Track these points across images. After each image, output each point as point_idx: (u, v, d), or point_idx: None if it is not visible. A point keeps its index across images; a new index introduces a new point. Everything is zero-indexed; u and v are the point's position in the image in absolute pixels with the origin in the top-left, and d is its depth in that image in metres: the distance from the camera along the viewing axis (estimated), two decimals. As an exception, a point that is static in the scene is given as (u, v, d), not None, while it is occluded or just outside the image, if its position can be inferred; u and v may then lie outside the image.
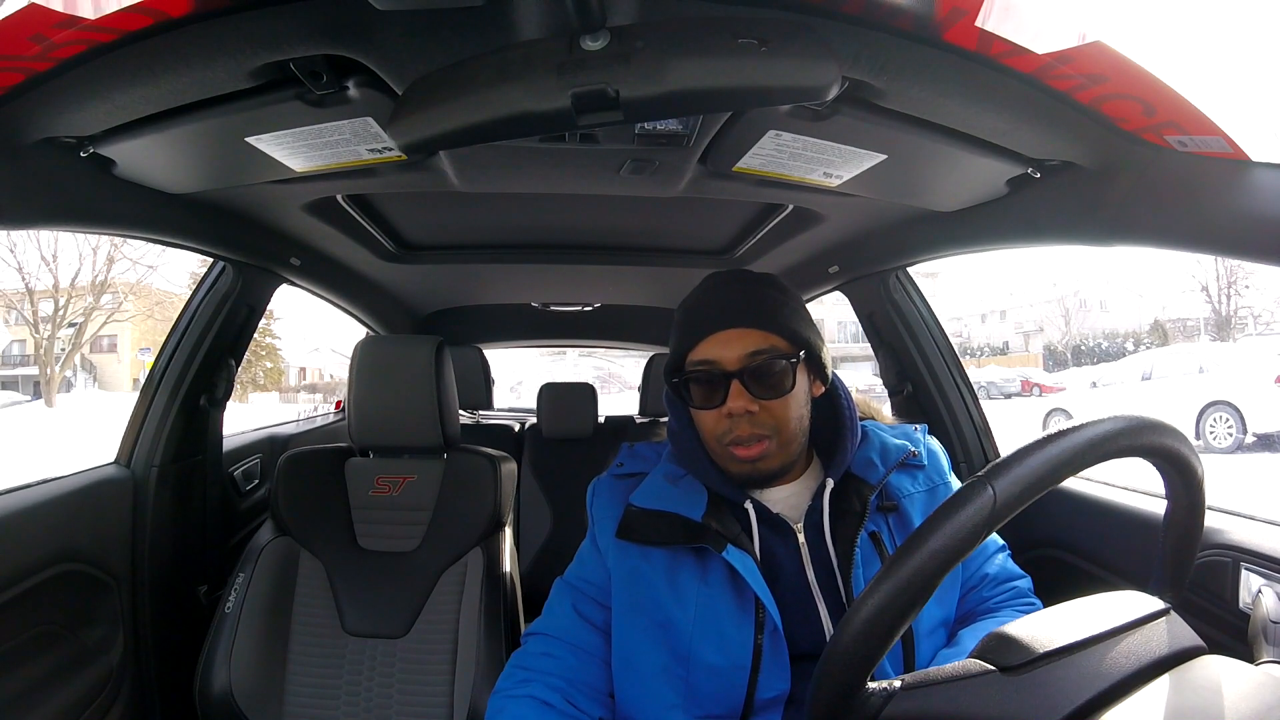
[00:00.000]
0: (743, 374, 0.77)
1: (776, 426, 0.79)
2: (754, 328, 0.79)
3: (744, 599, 0.76)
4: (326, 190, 1.16)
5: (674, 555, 0.81)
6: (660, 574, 0.80)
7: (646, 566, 0.81)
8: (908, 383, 1.57)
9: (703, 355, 0.80)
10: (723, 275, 0.87)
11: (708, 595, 0.77)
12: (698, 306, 0.84)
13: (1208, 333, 21.75)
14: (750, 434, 0.78)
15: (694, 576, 0.79)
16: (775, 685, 0.75)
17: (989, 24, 0.57)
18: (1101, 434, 0.52)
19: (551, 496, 2.35)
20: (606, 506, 0.88)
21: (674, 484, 0.84)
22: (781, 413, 0.79)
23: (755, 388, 0.78)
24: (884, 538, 0.79)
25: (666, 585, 0.79)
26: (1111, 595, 0.59)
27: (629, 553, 0.83)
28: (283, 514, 1.26)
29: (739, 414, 0.78)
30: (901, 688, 0.50)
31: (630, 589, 0.82)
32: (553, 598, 0.89)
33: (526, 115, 0.55)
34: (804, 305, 0.86)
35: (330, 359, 29.05)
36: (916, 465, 0.86)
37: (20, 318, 20.42)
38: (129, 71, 0.66)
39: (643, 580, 0.81)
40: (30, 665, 1.03)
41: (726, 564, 0.76)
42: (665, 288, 2.16)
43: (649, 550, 0.81)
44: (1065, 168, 0.85)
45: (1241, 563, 0.85)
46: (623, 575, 0.83)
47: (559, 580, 0.91)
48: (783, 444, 0.80)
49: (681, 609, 0.78)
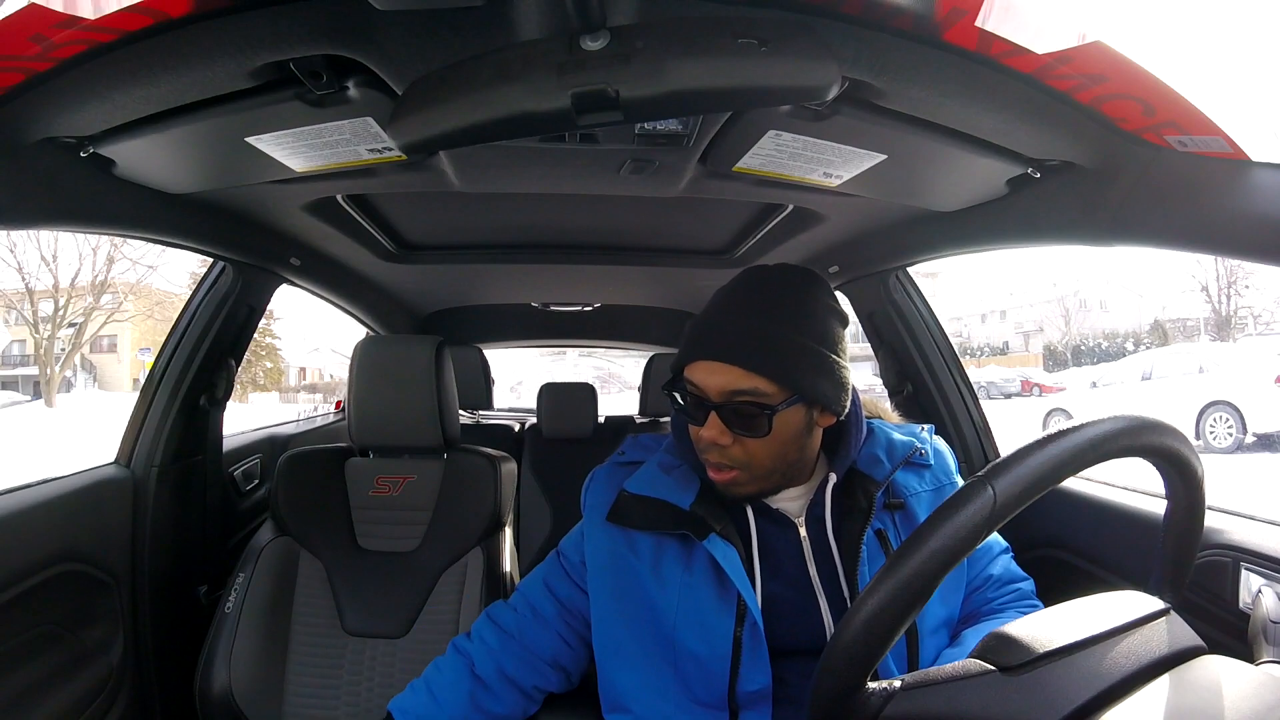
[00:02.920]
0: (721, 408, 0.74)
1: (748, 463, 0.76)
2: (740, 366, 0.73)
3: (726, 590, 0.76)
4: (326, 190, 1.16)
5: (659, 542, 0.81)
6: (645, 561, 0.81)
7: (632, 554, 0.82)
8: (908, 383, 1.57)
9: (691, 376, 0.77)
10: (751, 281, 0.79)
11: (690, 584, 0.78)
12: (704, 320, 0.79)
13: (1208, 333, 21.75)
14: (719, 461, 0.76)
15: (678, 564, 0.79)
16: (756, 679, 0.75)
17: (989, 24, 0.57)
18: (1101, 434, 0.52)
19: (551, 496, 2.35)
20: (600, 494, 0.89)
21: (668, 473, 0.84)
22: (757, 450, 0.75)
23: (734, 423, 0.74)
24: (890, 535, 0.79)
25: (650, 572, 0.80)
26: (1111, 595, 0.59)
27: (615, 539, 0.84)
28: (283, 514, 1.26)
29: (708, 443, 0.76)
30: (901, 687, 0.50)
31: (614, 574, 0.83)
32: (543, 563, 0.96)
33: (526, 115, 0.55)
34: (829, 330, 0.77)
35: (330, 359, 29.07)
36: (923, 464, 0.85)
37: (20, 318, 20.42)
38: (129, 71, 0.66)
39: (627, 566, 0.82)
40: (30, 665, 1.03)
41: (710, 553, 0.77)
42: (665, 288, 2.16)
43: (635, 536, 0.82)
44: (1065, 168, 0.85)
45: (1241, 563, 0.85)
46: (606, 561, 0.84)
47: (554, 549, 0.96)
48: (755, 477, 0.77)
49: (664, 596, 0.78)
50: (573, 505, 0.94)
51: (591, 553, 0.86)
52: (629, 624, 0.81)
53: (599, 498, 0.88)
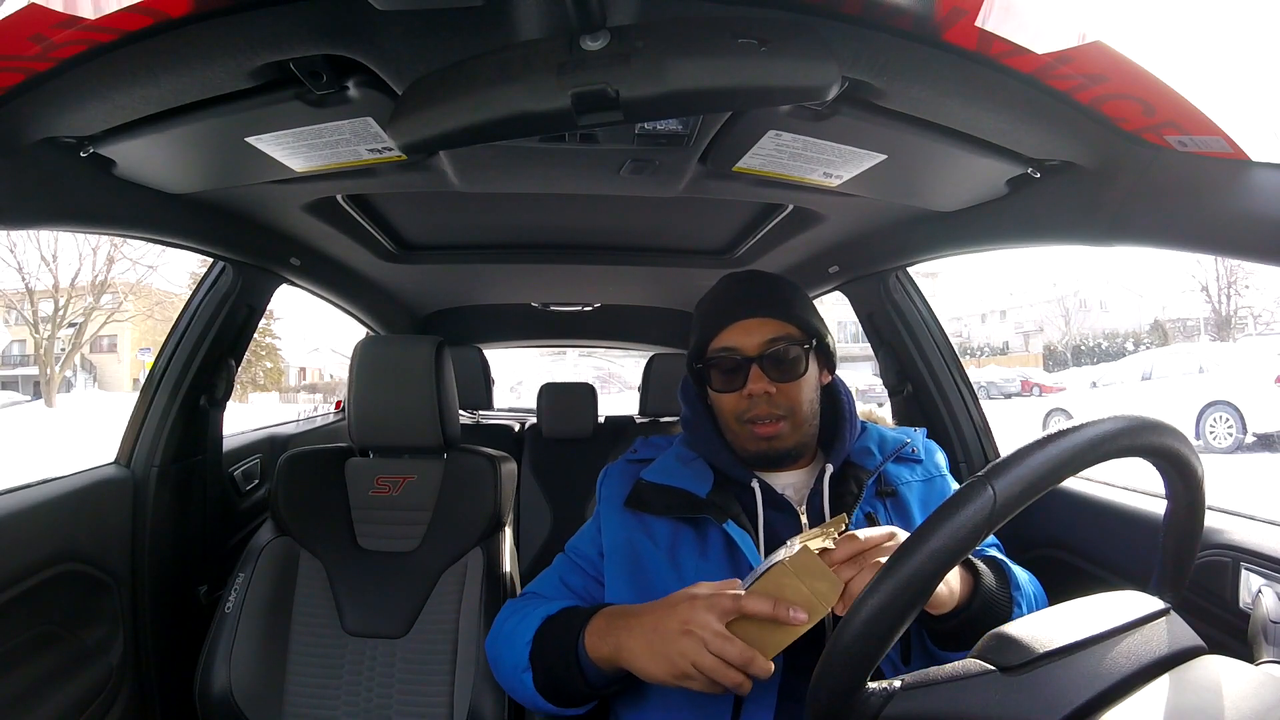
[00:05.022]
0: (762, 359, 0.85)
1: (791, 407, 0.86)
2: (771, 317, 0.87)
3: (739, 573, 0.79)
4: (326, 190, 1.16)
5: (675, 529, 0.86)
6: (662, 546, 0.85)
7: (649, 540, 0.86)
8: (908, 383, 1.57)
9: (725, 343, 0.88)
10: (739, 274, 0.95)
11: (705, 569, 0.82)
12: (718, 299, 0.92)
13: (1208, 333, 21.74)
14: (768, 413, 0.85)
15: (693, 550, 0.84)
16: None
17: (989, 24, 0.57)
18: (1101, 434, 0.52)
19: (551, 496, 2.35)
20: (615, 486, 0.93)
21: (685, 465, 0.90)
22: (796, 395, 0.86)
23: (773, 371, 0.85)
24: (880, 518, 0.85)
25: (667, 557, 0.84)
26: (1111, 595, 0.59)
27: (632, 526, 0.88)
28: (283, 514, 1.26)
29: (758, 395, 0.85)
30: (901, 688, 0.50)
31: (631, 560, 0.86)
32: (551, 565, 0.97)
33: (526, 115, 0.55)
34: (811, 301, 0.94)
35: (330, 359, 29.06)
36: (913, 459, 0.92)
37: (20, 318, 20.42)
38: (129, 71, 0.66)
39: (644, 552, 0.85)
40: (30, 665, 1.03)
41: (724, 539, 0.82)
42: (665, 288, 2.16)
43: (652, 523, 0.87)
44: (1065, 168, 0.85)
45: (1241, 563, 0.85)
46: (623, 547, 0.87)
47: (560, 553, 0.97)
48: (796, 425, 0.87)
49: (679, 581, 0.80)
50: (573, 505, 0.95)
51: (609, 540, 0.89)
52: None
53: (614, 490, 0.93)
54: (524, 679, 0.80)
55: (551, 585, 0.93)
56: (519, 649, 0.81)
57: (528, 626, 0.82)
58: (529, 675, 0.79)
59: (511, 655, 0.82)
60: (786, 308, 0.88)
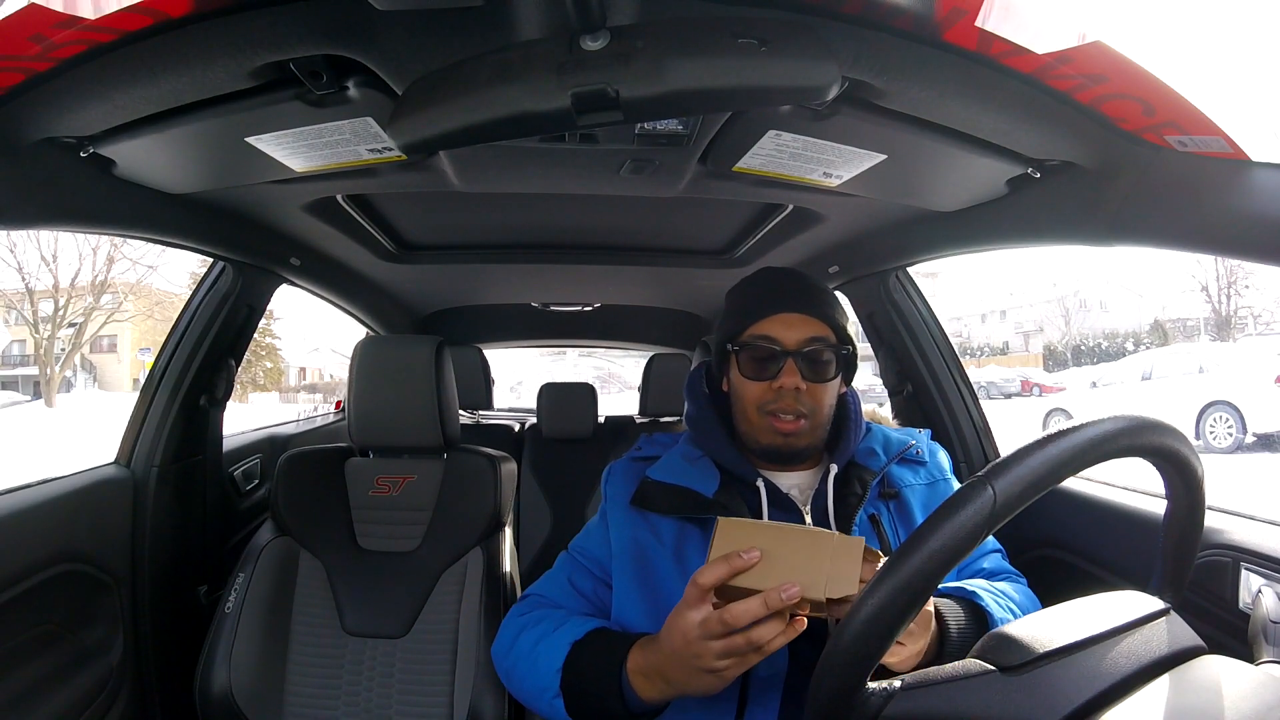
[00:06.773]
0: (799, 354, 0.85)
1: (815, 408, 0.86)
2: (814, 317, 0.87)
3: None
4: (326, 190, 1.16)
5: (682, 528, 0.85)
6: (668, 545, 0.85)
7: (655, 538, 0.85)
8: (908, 383, 1.57)
9: (764, 331, 0.87)
10: (780, 269, 0.96)
11: None
12: (761, 287, 0.92)
13: (1208, 333, 21.74)
14: (793, 409, 0.85)
15: (699, 550, 0.83)
16: (772, 661, 0.75)
17: (989, 24, 0.57)
18: (1101, 434, 0.52)
19: (551, 496, 2.35)
20: (620, 484, 0.93)
21: (691, 464, 0.90)
22: (822, 397, 0.87)
23: (806, 369, 0.85)
24: (883, 520, 0.85)
25: (673, 556, 0.84)
26: (1111, 595, 0.59)
27: (638, 525, 0.87)
28: (283, 514, 1.26)
29: (788, 389, 0.85)
30: (901, 687, 0.50)
31: (637, 559, 0.85)
32: (554, 566, 0.95)
33: (526, 115, 0.55)
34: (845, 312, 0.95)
35: (330, 359, 29.06)
36: (918, 460, 0.91)
37: (20, 318, 20.41)
38: (129, 71, 0.66)
39: (651, 550, 0.85)
40: (30, 665, 1.03)
41: None
42: (665, 288, 2.16)
43: (658, 522, 0.86)
44: (1065, 168, 0.85)
45: (1241, 563, 0.85)
46: (630, 545, 0.87)
47: (563, 552, 0.96)
48: (814, 426, 0.87)
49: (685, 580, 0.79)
50: (573, 505, 0.95)
51: (616, 538, 0.89)
52: (649, 609, 0.82)
53: (619, 487, 0.92)
54: (555, 704, 0.78)
55: (559, 588, 0.92)
56: (545, 675, 0.79)
57: (554, 652, 0.80)
58: (560, 701, 0.78)
59: (535, 679, 0.80)
60: (830, 311, 0.89)
